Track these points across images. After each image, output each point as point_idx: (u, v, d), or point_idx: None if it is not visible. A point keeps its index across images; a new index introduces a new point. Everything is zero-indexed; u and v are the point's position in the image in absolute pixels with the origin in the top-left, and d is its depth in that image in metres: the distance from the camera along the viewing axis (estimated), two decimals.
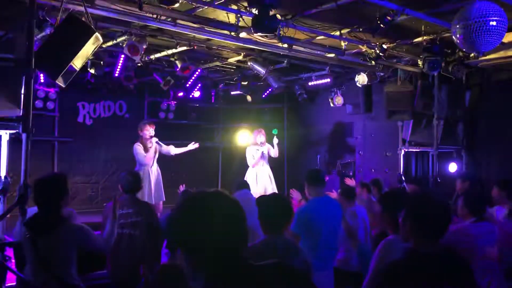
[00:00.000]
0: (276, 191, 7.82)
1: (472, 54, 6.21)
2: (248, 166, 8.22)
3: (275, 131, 8.58)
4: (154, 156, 7.25)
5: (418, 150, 8.19)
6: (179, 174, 10.30)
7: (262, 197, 3.25)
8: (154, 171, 7.25)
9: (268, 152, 8.08)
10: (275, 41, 5.69)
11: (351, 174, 8.48)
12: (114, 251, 4.26)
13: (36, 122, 9.23)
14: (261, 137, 7.94)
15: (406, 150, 8.14)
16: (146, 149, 7.09)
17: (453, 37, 4.41)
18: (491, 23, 3.98)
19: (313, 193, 4.17)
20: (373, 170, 9.22)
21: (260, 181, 7.94)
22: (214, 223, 1.51)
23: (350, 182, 6.26)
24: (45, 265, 3.03)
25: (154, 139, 7.19)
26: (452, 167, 7.81)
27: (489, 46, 4.13)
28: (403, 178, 7.89)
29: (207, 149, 11.22)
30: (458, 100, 7.80)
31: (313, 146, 10.43)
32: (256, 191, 7.81)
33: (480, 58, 6.28)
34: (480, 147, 7.79)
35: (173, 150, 7.51)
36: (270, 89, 9.56)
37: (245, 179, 7.90)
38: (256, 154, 7.95)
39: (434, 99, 7.44)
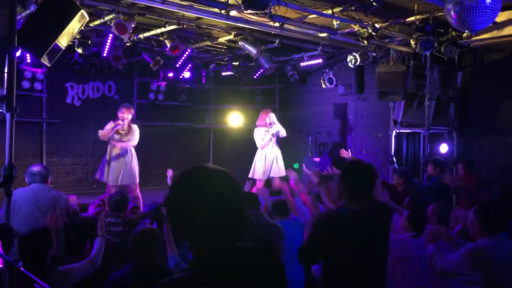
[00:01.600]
0: (283, 172, 7.76)
1: (465, 34, 6.16)
2: (256, 148, 8.04)
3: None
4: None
5: (409, 131, 8.18)
6: (169, 156, 10.25)
7: None
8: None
9: (277, 133, 7.98)
10: (266, 19, 5.58)
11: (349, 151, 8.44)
12: None
13: (24, 103, 9.16)
14: (270, 118, 7.85)
15: (398, 131, 8.13)
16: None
17: (447, 15, 4.36)
18: (486, 1, 3.92)
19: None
20: (364, 151, 9.23)
21: (266, 160, 7.89)
22: (206, 200, 1.48)
23: (346, 154, 6.22)
24: None
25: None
26: (443, 148, 7.82)
27: (482, 24, 4.08)
28: (394, 159, 7.91)
29: (198, 130, 11.16)
30: (450, 81, 7.78)
31: (304, 128, 10.39)
32: (261, 170, 7.78)
33: (473, 38, 6.24)
34: (471, 128, 7.79)
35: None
36: (261, 70, 9.47)
37: (254, 161, 7.90)
38: (266, 136, 7.85)
39: (426, 79, 7.41)
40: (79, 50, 7.39)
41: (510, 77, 7.23)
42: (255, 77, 9.97)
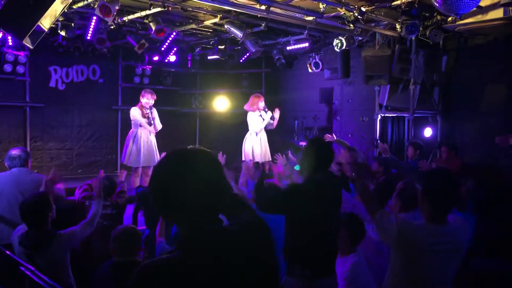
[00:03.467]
0: (269, 156, 7.81)
1: (450, 18, 6.19)
2: (246, 132, 8.00)
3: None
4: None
5: (394, 115, 8.25)
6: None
7: None
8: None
9: (270, 119, 7.98)
10: (253, 2, 5.55)
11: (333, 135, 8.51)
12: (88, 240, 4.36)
13: (6, 87, 9.01)
14: (262, 102, 7.85)
15: (383, 115, 8.20)
16: (143, 115, 7.23)
17: None
18: None
19: None
20: (350, 135, 9.28)
21: (263, 145, 7.89)
22: (192, 181, 1.49)
23: (331, 138, 6.29)
24: (46, 275, 3.10)
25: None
26: (428, 132, 7.91)
27: (467, 7, 4.12)
28: (379, 143, 7.99)
29: (184, 115, 11.11)
30: (435, 65, 7.84)
31: (291, 112, 10.41)
32: (259, 153, 7.80)
33: (457, 22, 6.28)
34: (455, 112, 7.89)
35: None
36: (247, 54, 9.41)
37: (244, 143, 7.91)
38: (261, 121, 7.83)
39: (411, 63, 7.46)
40: (63, 33, 7.27)
41: (494, 61, 7.32)
42: (241, 61, 9.92)
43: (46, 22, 4.07)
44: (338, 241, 3.24)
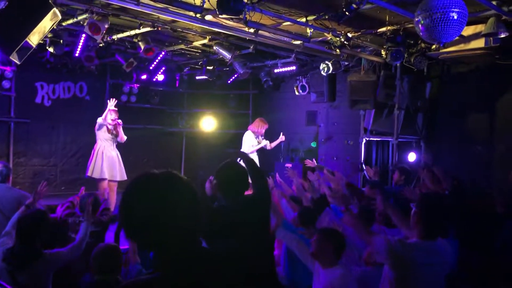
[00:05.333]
0: None
1: (434, 46, 6.35)
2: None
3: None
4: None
5: (379, 139, 8.35)
6: (139, 158, 10.15)
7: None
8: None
9: (265, 146, 8.15)
10: (241, 25, 5.63)
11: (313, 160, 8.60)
12: None
13: None
14: (265, 129, 7.97)
15: (368, 139, 8.29)
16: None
17: (416, 27, 4.49)
18: (452, 14, 4.07)
19: None
20: (335, 158, 9.35)
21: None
22: (168, 205, 1.47)
23: (311, 163, 6.42)
24: None
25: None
26: (411, 157, 8.01)
27: (449, 37, 4.23)
28: (364, 167, 8.06)
29: (170, 134, 11.10)
30: (419, 91, 7.99)
31: (277, 134, 10.45)
32: None
33: (441, 50, 6.43)
34: (438, 138, 8.02)
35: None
36: (235, 75, 9.49)
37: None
38: (256, 144, 7.92)
39: (396, 89, 7.60)
40: (51, 49, 7.29)
41: (476, 89, 7.49)
42: (229, 82, 9.99)
43: (34, 39, 4.09)
44: (321, 254, 3.27)
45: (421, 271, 2.78)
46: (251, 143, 7.89)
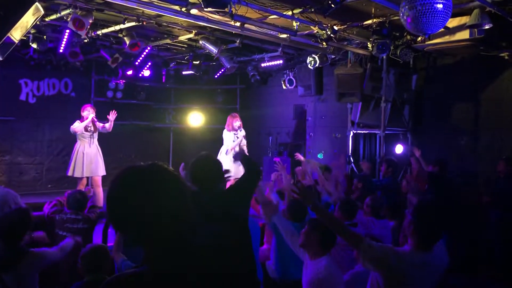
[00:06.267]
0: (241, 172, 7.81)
1: (420, 38, 6.38)
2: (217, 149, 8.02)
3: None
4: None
5: (366, 131, 8.39)
6: (127, 154, 10.09)
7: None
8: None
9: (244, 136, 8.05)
10: (227, 19, 5.59)
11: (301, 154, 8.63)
12: None
13: None
14: (237, 122, 7.85)
15: (355, 131, 8.33)
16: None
17: (401, 19, 4.50)
18: (437, 5, 4.09)
19: None
20: (323, 151, 9.38)
21: (234, 164, 7.87)
22: (155, 197, 1.45)
23: (299, 157, 6.44)
24: None
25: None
26: (399, 149, 8.07)
27: (434, 28, 4.25)
28: (351, 159, 8.10)
29: (158, 130, 11.03)
30: (405, 84, 8.05)
31: (265, 128, 10.48)
32: (235, 170, 7.75)
33: (426, 42, 6.46)
34: (425, 129, 8.08)
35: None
36: (222, 70, 9.46)
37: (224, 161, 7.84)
38: (236, 140, 7.85)
39: (382, 82, 7.63)
40: (34, 46, 7.17)
41: (461, 80, 7.57)
42: (216, 76, 9.96)
43: (16, 34, 4.02)
44: (308, 245, 3.28)
45: (413, 280, 2.62)
46: (230, 140, 7.87)
